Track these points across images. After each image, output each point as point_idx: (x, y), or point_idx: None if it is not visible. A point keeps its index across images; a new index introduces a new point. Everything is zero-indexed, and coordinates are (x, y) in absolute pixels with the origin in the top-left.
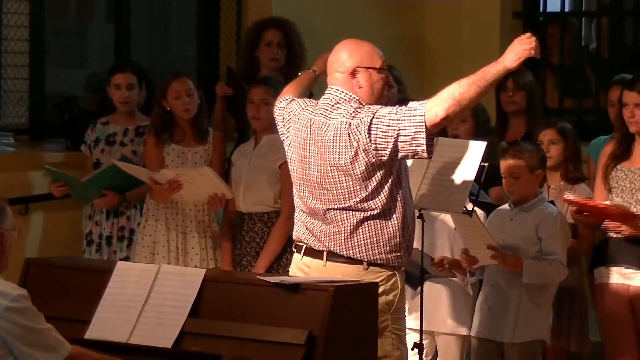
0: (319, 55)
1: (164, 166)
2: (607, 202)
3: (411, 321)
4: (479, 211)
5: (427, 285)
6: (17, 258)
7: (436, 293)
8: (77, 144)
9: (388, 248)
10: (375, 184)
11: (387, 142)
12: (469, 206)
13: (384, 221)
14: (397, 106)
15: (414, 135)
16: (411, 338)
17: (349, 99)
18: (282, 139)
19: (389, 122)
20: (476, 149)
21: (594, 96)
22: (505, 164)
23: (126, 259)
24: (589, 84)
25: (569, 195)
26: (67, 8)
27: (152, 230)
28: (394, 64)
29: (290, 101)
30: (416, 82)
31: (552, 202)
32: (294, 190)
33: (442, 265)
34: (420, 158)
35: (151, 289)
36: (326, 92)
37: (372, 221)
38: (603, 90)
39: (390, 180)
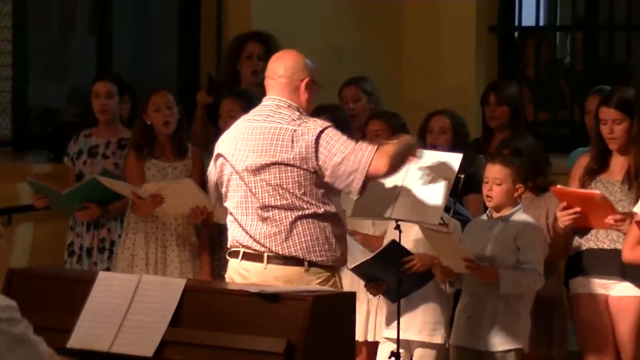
0: None
1: (145, 181)
2: (597, 192)
3: (388, 331)
4: (454, 221)
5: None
6: (0, 268)
7: (413, 304)
8: (60, 155)
9: (326, 247)
10: (309, 186)
11: (326, 162)
12: (445, 217)
13: (319, 221)
14: (346, 135)
15: (354, 170)
16: (388, 347)
17: (289, 105)
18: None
19: (334, 145)
20: (453, 161)
21: (569, 109)
22: (492, 168)
23: (107, 270)
24: (563, 97)
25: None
26: (50, 21)
27: (131, 244)
28: (372, 75)
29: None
30: (394, 94)
31: None
32: (226, 194)
33: (412, 263)
34: (348, 193)
35: (132, 299)
36: (265, 101)
37: (308, 219)
38: (577, 103)
39: (322, 185)
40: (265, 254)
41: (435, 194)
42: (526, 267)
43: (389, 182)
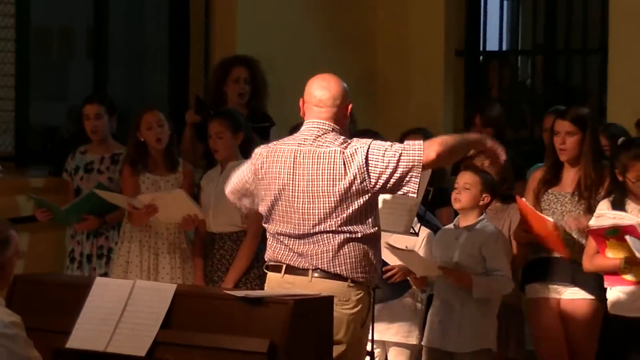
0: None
1: (140, 194)
2: (551, 220)
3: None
4: (426, 230)
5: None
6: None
7: (389, 307)
8: (59, 170)
9: (368, 268)
10: (358, 210)
11: (382, 172)
12: (415, 227)
13: (363, 244)
14: (387, 141)
15: (412, 167)
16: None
17: (332, 129)
18: (254, 184)
19: (385, 153)
20: (423, 175)
21: (529, 127)
22: (463, 175)
23: (105, 275)
24: (524, 116)
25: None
26: (50, 45)
27: (126, 251)
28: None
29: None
30: (369, 115)
31: None
32: (268, 215)
33: (393, 272)
34: (406, 193)
35: (127, 302)
36: (307, 125)
37: (355, 243)
38: (537, 122)
39: (371, 208)
40: (311, 270)
41: (407, 206)
42: (495, 274)
43: None
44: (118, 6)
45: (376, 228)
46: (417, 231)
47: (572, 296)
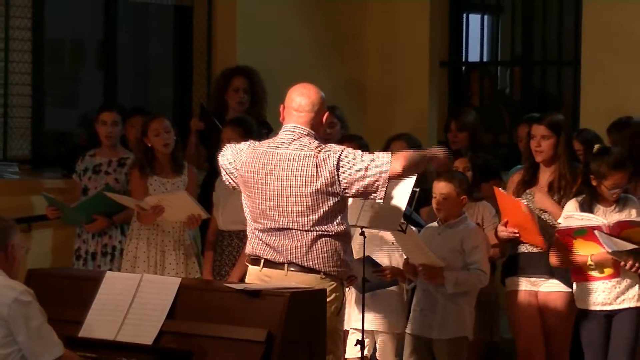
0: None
1: (148, 195)
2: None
3: (355, 322)
4: (412, 228)
5: (371, 294)
6: (21, 269)
7: (377, 299)
8: (71, 172)
9: (339, 262)
10: (329, 209)
11: (351, 179)
12: (403, 225)
13: (335, 240)
14: (358, 151)
15: (379, 177)
16: (355, 336)
17: (307, 134)
18: (233, 177)
19: (356, 164)
20: (409, 178)
21: (508, 132)
22: (438, 184)
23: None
24: (503, 123)
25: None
26: (63, 57)
27: (134, 248)
28: (340, 105)
29: (234, 147)
30: (358, 122)
31: None
32: (249, 213)
33: (385, 273)
34: (372, 199)
35: (135, 295)
36: (285, 129)
37: (326, 239)
38: (515, 127)
39: (341, 208)
40: (286, 264)
41: (394, 206)
42: (472, 267)
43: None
44: (126, 20)
45: (345, 226)
46: (404, 229)
47: (549, 289)
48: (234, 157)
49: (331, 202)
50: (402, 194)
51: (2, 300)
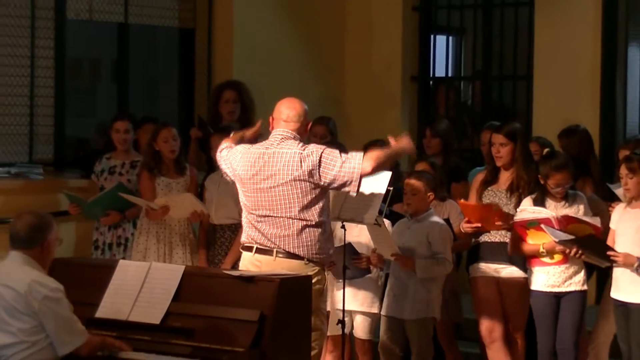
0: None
1: (156, 193)
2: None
3: (337, 304)
4: (386, 221)
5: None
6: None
7: (355, 284)
8: (89, 173)
9: (321, 250)
10: (312, 200)
11: (330, 173)
12: (379, 219)
13: (317, 228)
14: (338, 151)
15: (352, 174)
16: (337, 316)
17: (293, 137)
18: (227, 174)
19: (334, 160)
20: (384, 177)
21: (470, 139)
22: (408, 182)
23: (123, 259)
24: (466, 130)
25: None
26: (82, 73)
27: (144, 240)
28: (325, 114)
29: (231, 147)
30: (340, 130)
31: None
32: (244, 205)
33: (362, 261)
34: (349, 192)
35: (144, 280)
36: (274, 133)
37: (310, 229)
38: (476, 134)
39: (322, 199)
40: (275, 250)
41: (371, 202)
42: (439, 256)
43: (338, 192)
44: (137, 42)
45: (326, 216)
46: (380, 223)
47: (508, 275)
48: (230, 158)
49: (313, 194)
50: (377, 192)
51: (34, 296)
